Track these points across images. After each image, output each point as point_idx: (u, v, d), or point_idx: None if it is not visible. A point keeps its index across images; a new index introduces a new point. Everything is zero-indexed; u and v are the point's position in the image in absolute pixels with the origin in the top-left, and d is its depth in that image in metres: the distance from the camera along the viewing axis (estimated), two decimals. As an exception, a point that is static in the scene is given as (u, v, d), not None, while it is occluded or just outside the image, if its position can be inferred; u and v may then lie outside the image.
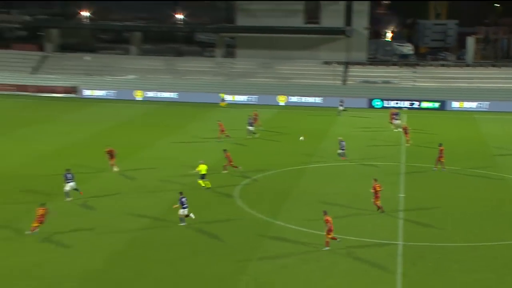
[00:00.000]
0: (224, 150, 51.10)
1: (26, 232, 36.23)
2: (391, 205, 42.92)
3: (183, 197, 38.55)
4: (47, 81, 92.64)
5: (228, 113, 73.94)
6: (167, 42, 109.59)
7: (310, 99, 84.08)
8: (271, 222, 39.40)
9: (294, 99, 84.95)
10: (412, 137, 61.44)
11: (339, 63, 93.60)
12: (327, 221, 34.64)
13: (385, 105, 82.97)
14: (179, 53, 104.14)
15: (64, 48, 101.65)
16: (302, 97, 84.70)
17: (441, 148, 51.09)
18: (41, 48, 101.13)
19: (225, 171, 50.17)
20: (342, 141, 55.12)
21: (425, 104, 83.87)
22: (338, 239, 34.71)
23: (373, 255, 34.12)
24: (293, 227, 38.62)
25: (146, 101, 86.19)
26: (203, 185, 46.15)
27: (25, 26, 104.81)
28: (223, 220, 40.13)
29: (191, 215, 38.32)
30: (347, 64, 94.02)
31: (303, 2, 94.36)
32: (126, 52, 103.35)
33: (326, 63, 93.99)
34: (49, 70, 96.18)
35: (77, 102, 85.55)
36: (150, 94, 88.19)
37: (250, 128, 63.58)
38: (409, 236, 37.19)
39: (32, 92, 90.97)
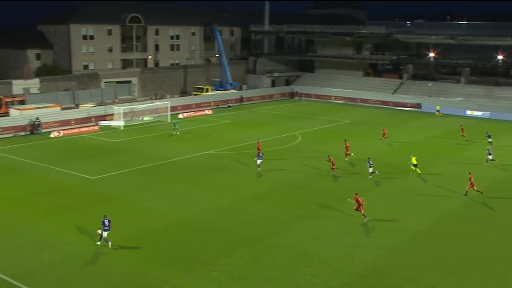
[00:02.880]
0: (345, 140, 51.73)
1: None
2: None
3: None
4: (401, 99, 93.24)
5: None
6: (488, 75, 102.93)
7: None
8: None
9: None
10: None
11: None
12: (357, 200, 33.83)
13: None
14: (497, 84, 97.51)
15: (415, 77, 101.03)
16: None
17: None
18: (400, 77, 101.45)
19: (346, 158, 50.03)
20: (489, 149, 50.56)
21: None
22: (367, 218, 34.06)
23: None
24: None
25: (467, 116, 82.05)
26: (418, 171, 45.12)
27: (391, 63, 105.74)
28: None
29: None
30: None
31: None
32: (457, 81, 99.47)
33: None
34: (403, 91, 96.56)
35: (419, 114, 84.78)
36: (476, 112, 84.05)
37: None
38: None
39: (391, 106, 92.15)
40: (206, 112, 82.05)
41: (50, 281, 25.89)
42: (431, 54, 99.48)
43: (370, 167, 44.38)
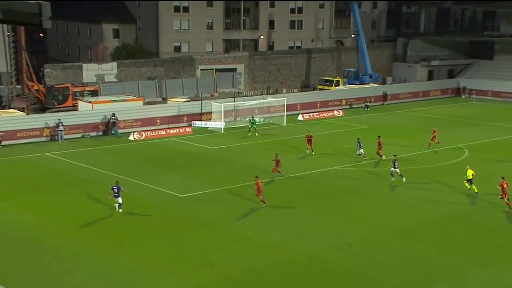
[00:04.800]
0: (378, 136, 57.35)
1: None
2: None
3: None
4: None
5: None
6: None
7: None
8: None
9: None
10: None
11: None
12: (257, 184, 41.64)
13: None
14: None
15: None
16: None
17: None
18: None
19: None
20: None
21: None
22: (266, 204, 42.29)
23: None
24: None
25: None
26: (468, 187, 45.78)
27: None
28: None
29: None
30: None
31: None
32: None
33: None
34: None
35: None
36: None
37: None
38: None
39: None
40: (335, 113, 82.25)
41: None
42: None
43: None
